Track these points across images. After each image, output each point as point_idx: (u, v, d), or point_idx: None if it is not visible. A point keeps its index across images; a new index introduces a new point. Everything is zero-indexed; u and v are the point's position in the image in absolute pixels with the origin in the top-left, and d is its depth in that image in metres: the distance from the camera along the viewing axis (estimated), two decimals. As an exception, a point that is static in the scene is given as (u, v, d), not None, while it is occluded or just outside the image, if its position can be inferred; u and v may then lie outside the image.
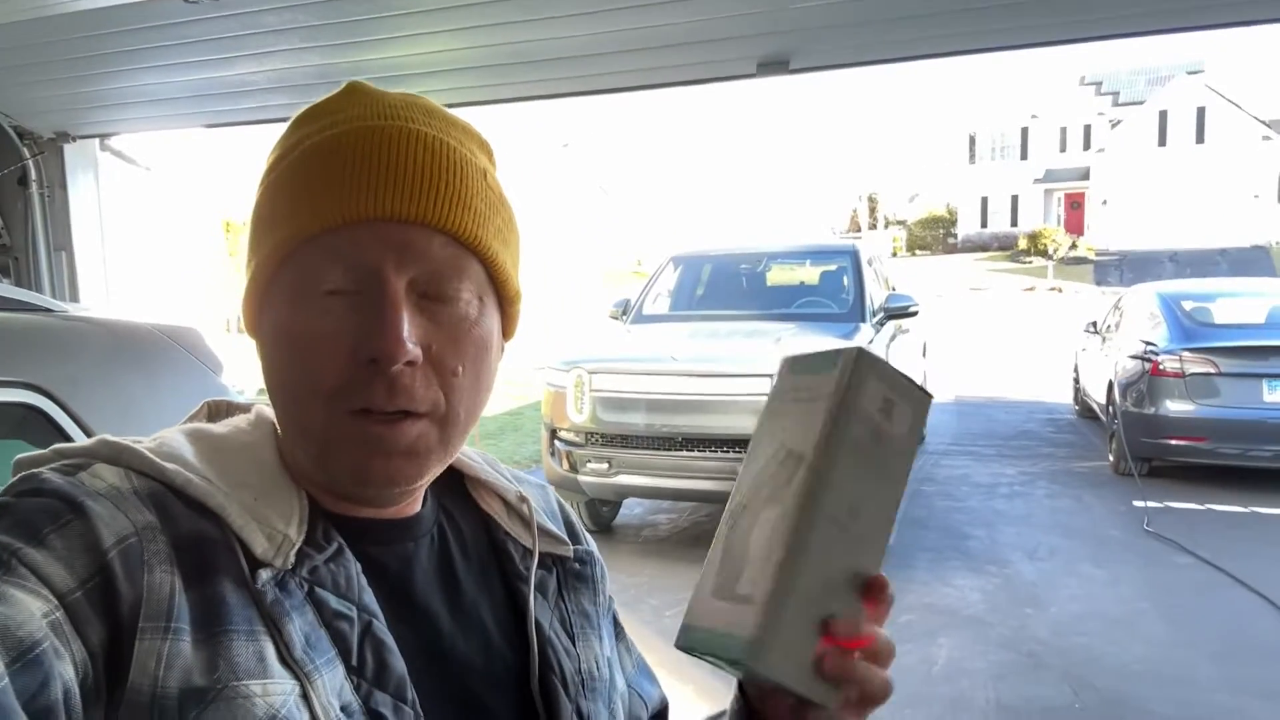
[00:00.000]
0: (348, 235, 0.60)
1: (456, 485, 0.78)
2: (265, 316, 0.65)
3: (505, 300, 0.70)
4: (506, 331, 0.72)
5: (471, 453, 0.79)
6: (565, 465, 5.63)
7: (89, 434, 1.43)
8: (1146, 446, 7.31)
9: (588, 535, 0.86)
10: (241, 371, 2.50)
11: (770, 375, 5.28)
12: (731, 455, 5.24)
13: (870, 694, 0.58)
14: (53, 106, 4.04)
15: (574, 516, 0.87)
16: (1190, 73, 40.04)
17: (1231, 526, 6.20)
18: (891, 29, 3.06)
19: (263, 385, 0.66)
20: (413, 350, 0.60)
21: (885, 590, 0.58)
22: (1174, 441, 7.09)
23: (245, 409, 0.74)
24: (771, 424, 0.62)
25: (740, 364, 5.41)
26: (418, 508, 0.72)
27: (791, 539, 0.55)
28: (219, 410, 0.75)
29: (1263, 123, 38.66)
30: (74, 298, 4.51)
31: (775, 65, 3.23)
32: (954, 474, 7.96)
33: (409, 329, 0.60)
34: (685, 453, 5.36)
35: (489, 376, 0.68)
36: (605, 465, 5.53)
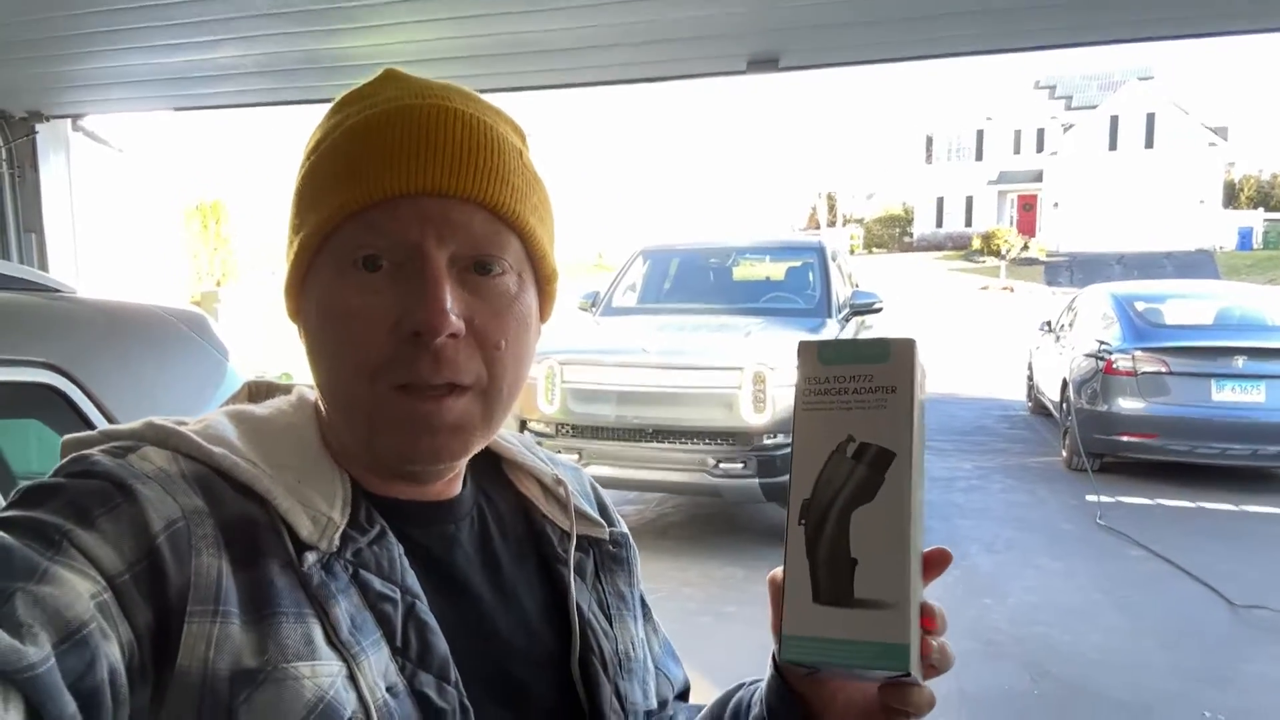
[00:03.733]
0: (388, 210, 0.61)
1: (494, 468, 0.79)
2: (308, 296, 0.65)
3: (542, 278, 0.70)
4: (544, 312, 0.72)
5: (508, 435, 0.79)
6: (535, 455, 5.63)
7: (106, 415, 1.43)
8: (1099, 443, 7.51)
9: (620, 518, 0.86)
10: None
11: (740, 369, 5.38)
12: (701, 447, 5.30)
13: (943, 664, 0.61)
14: (27, 85, 3.94)
15: (607, 499, 0.87)
16: (1141, 79, 40.99)
17: (1180, 520, 6.41)
18: (882, 30, 3.10)
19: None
20: (455, 323, 0.60)
21: (949, 562, 0.61)
22: (1125, 438, 7.30)
23: (286, 390, 0.75)
24: (820, 416, 0.59)
25: (712, 357, 5.46)
26: (458, 489, 0.72)
27: (908, 538, 0.56)
28: (259, 391, 0.76)
29: (1209, 129, 39.68)
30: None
31: (765, 63, 3.27)
32: (913, 468, 8.09)
33: (451, 301, 0.60)
34: (655, 444, 5.41)
35: (530, 355, 0.68)
36: (575, 456, 5.55)
